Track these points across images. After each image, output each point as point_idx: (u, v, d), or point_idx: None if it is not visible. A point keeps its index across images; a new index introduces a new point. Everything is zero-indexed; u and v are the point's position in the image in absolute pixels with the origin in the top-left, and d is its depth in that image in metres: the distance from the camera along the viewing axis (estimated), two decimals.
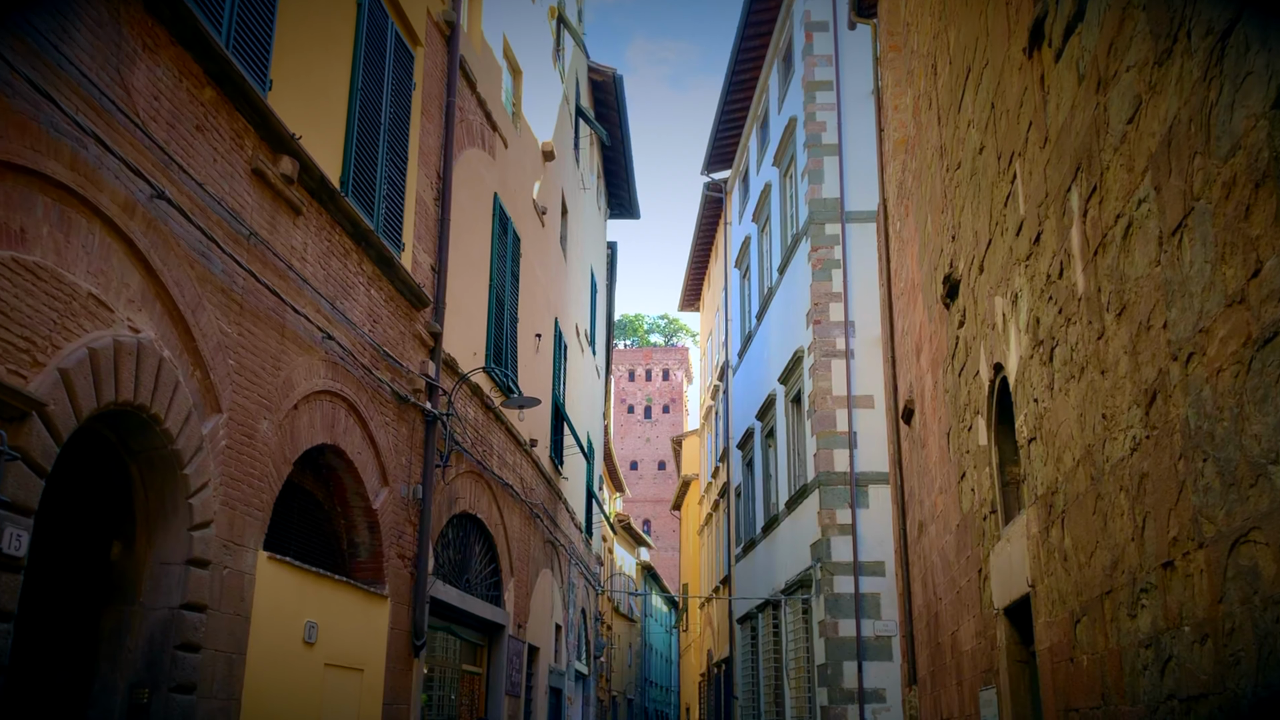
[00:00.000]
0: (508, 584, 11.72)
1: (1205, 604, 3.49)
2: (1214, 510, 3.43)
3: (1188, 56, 3.63)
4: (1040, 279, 5.79)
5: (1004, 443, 7.35)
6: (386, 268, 7.93)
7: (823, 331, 17.67)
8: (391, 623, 8.02)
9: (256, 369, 6.04)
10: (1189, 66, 3.61)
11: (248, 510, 5.91)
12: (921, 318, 10.58)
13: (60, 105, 4.36)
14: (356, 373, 7.42)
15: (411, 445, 8.55)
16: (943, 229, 9.13)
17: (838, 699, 15.18)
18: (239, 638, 5.79)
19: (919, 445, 11.02)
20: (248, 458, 5.93)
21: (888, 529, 15.62)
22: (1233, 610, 3.28)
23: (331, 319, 7.04)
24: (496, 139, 11.46)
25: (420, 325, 8.75)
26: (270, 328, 6.20)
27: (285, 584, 6.36)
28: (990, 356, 7.26)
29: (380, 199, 7.93)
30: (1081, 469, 5.03)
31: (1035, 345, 5.92)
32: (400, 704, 8.19)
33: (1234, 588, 3.27)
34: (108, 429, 5.07)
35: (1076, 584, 5.14)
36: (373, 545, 7.84)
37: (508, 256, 11.73)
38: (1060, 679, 5.46)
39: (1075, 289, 5.06)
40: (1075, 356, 5.13)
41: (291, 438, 6.49)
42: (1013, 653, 6.89)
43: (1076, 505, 5.09)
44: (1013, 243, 6.47)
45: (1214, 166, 3.43)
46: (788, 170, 20.29)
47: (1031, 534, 6.05)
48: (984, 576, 7.63)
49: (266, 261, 6.18)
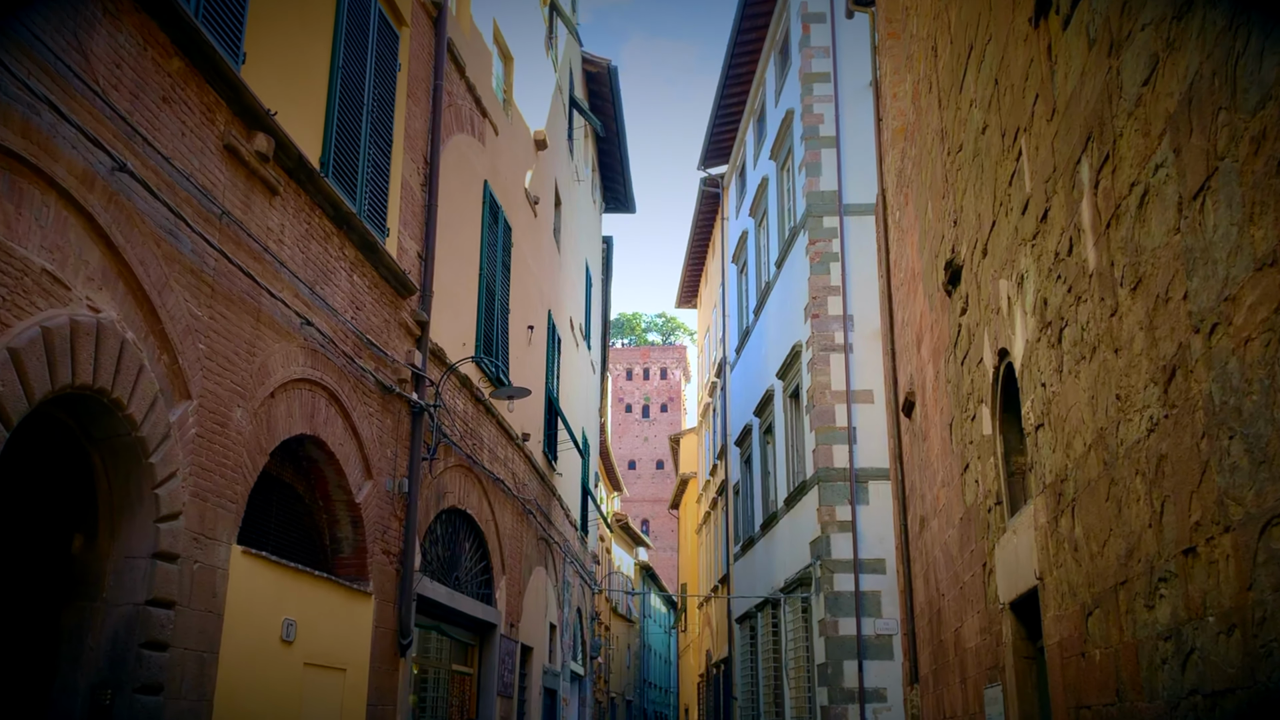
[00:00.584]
0: (499, 582, 11.46)
1: (1232, 592, 3.24)
2: (1242, 491, 3.18)
3: (1211, 5, 3.38)
4: (1048, 257, 5.55)
5: (1009, 431, 7.13)
6: (370, 253, 7.68)
7: (821, 325, 17.45)
8: (376, 621, 7.77)
9: (229, 354, 5.78)
10: (1212, 16, 3.37)
11: (220, 502, 5.65)
12: (922, 307, 10.37)
13: (10, 68, 4.11)
14: (338, 361, 7.16)
15: (397, 437, 8.29)
16: (944, 215, 8.92)
17: (838, 699, 14.95)
18: (211, 636, 5.53)
19: (920, 438, 10.81)
20: (220, 447, 5.67)
21: (888, 526, 15.40)
22: (1264, 598, 3.03)
23: (311, 305, 6.78)
24: (486, 125, 11.19)
25: (406, 313, 8.49)
26: (244, 312, 5.95)
27: (261, 580, 6.10)
28: (994, 342, 7.03)
29: (363, 182, 7.67)
30: (1093, 454, 4.78)
31: (1042, 327, 5.68)
32: (386, 705, 7.93)
33: (1265, 573, 3.02)
34: (67, 415, 4.81)
35: (1088, 575, 4.90)
36: (356, 541, 7.58)
37: (498, 246, 11.47)
38: (1071, 675, 5.21)
39: (1086, 265, 4.82)
40: (1086, 336, 4.89)
41: (268, 427, 6.24)
42: (1019, 649, 6.64)
43: (1088, 492, 4.84)
44: (1018, 222, 6.25)
45: (1240, 121, 3.19)
46: (785, 163, 20.07)
47: (1039, 524, 5.81)
48: (989, 570, 7.39)
49: (240, 242, 5.92)
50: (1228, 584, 3.28)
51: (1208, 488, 3.43)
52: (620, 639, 43.66)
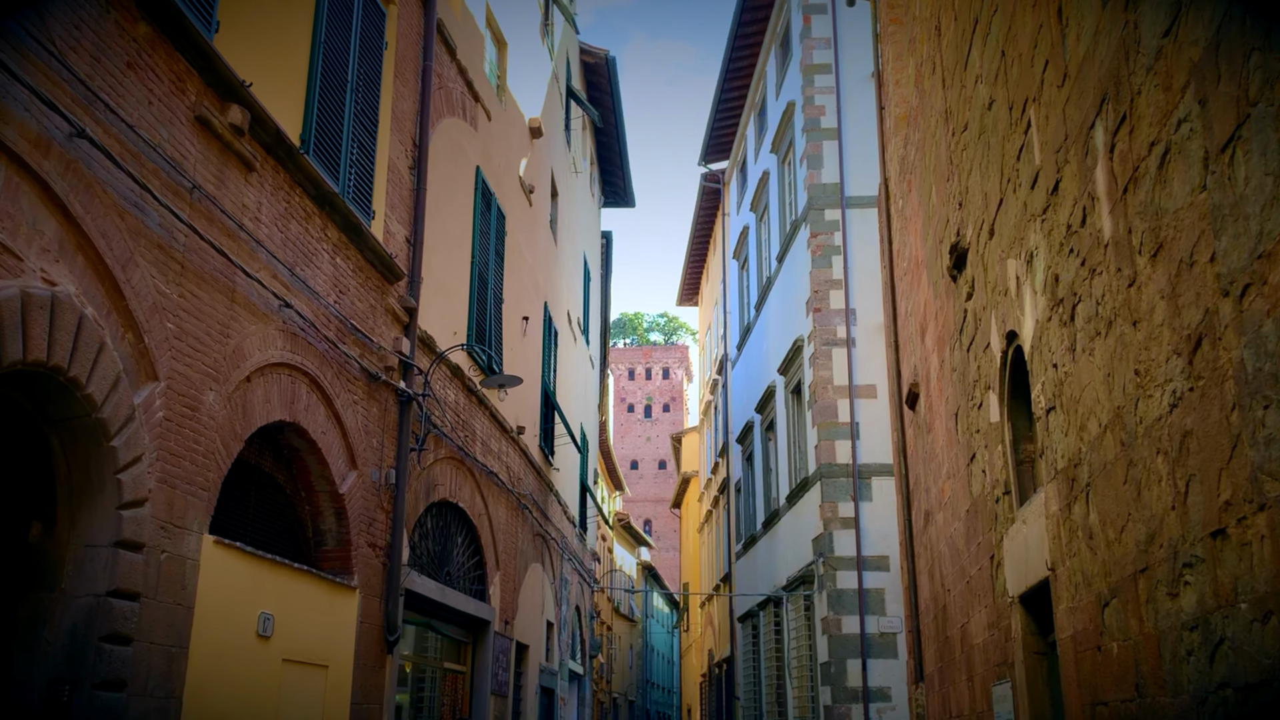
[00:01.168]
0: (493, 578, 11.18)
1: (1268, 575, 2.97)
2: (1278, 466, 2.91)
3: None
4: (1059, 231, 5.29)
5: (1018, 418, 6.87)
6: (354, 235, 7.41)
7: (823, 319, 17.21)
8: (361, 616, 7.50)
9: (201, 335, 5.51)
10: None
11: (190, 489, 5.38)
12: (926, 296, 10.13)
13: None
14: (320, 346, 6.89)
15: (384, 427, 8.02)
16: (948, 198, 8.69)
17: (841, 698, 14.68)
18: (180, 629, 5.26)
19: (924, 430, 10.57)
20: (191, 432, 5.40)
21: (892, 522, 15.15)
22: None
23: (290, 286, 6.51)
24: (479, 110, 10.92)
25: (393, 299, 8.22)
26: (218, 291, 5.68)
27: (236, 572, 5.83)
28: (1002, 325, 6.77)
29: (347, 162, 7.40)
30: (1109, 435, 4.51)
31: (1054, 306, 5.41)
32: (371, 704, 7.66)
33: None
34: (21, 395, 4.54)
35: (1104, 564, 4.62)
36: (340, 533, 7.31)
37: (491, 233, 11.19)
38: (1086, 670, 4.94)
39: (1101, 235, 4.56)
40: (1101, 310, 4.63)
41: (244, 412, 5.97)
42: (1029, 644, 6.37)
43: (1104, 476, 4.57)
44: (1027, 198, 5.99)
45: (1277, 60, 2.92)
46: (786, 156, 19.83)
47: (1051, 512, 5.54)
48: (997, 563, 7.12)
49: (213, 218, 5.65)
50: (1262, 567, 3.01)
51: (1239, 464, 3.16)
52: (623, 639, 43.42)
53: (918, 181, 10.54)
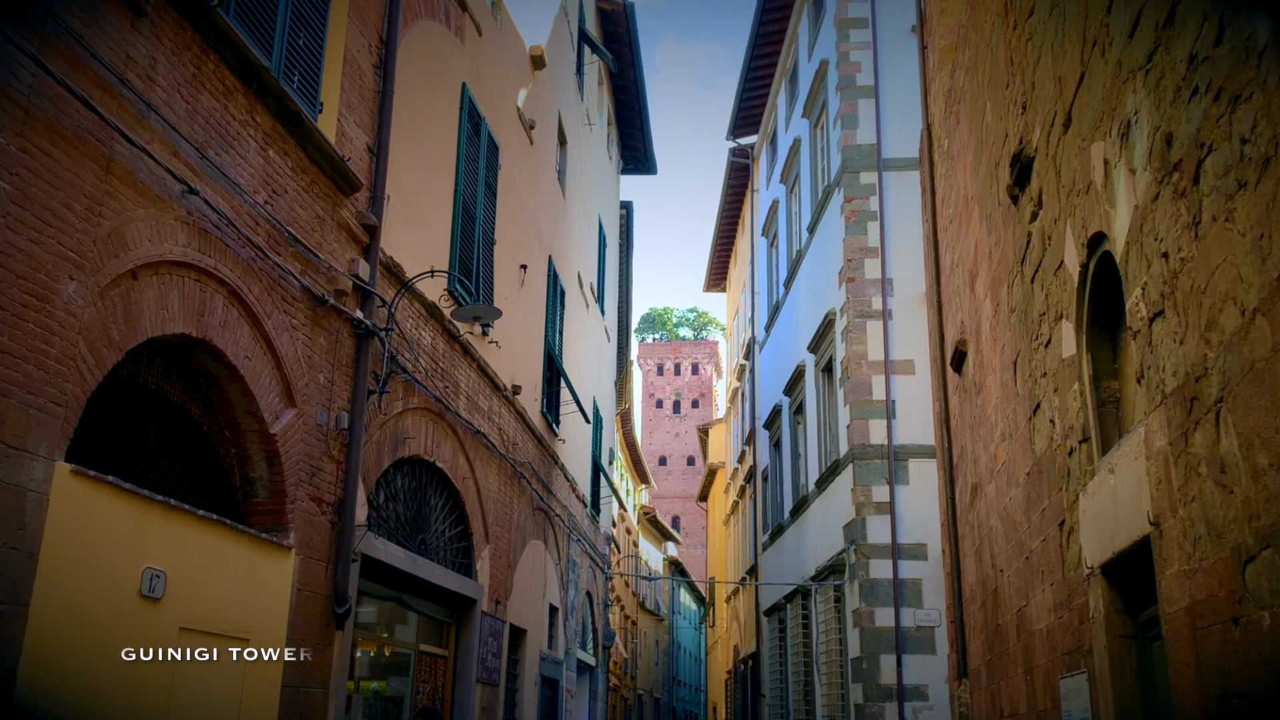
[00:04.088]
0: (481, 551, 9.92)
1: None
2: None
3: None
4: (1176, 73, 3.99)
5: (1099, 350, 5.55)
6: (293, 127, 6.17)
7: (857, 290, 15.88)
8: (300, 583, 6.27)
9: (57, 207, 4.30)
10: None
11: (35, 402, 4.17)
12: (978, 235, 8.86)
13: None
14: (242, 252, 5.66)
15: (334, 362, 6.79)
16: (1009, 106, 7.46)
17: (874, 695, 13.36)
18: (15, 582, 4.05)
19: (973, 393, 9.27)
20: (37, 327, 4.19)
21: (930, 508, 13.83)
22: None
23: (200, 171, 5.29)
24: (466, 21, 9.66)
25: (349, 213, 6.98)
26: (84, 155, 4.47)
27: (109, 514, 4.62)
28: (1082, 232, 5.47)
29: (283, 35, 6.18)
30: (1259, 322, 3.20)
31: (1164, 176, 4.11)
32: (314, 687, 6.43)
33: None
34: None
35: (1247, 504, 3.31)
36: (272, 482, 6.08)
37: (480, 162, 9.92)
38: (1211, 651, 3.61)
39: (1254, 42, 3.24)
40: (1249, 151, 3.31)
41: (125, 316, 4.75)
42: (1114, 624, 5.04)
43: (1250, 381, 3.25)
44: (1122, 54, 4.70)
45: None
46: (819, 120, 18.52)
47: (1155, 449, 4.21)
48: (1068, 530, 5.80)
49: (79, 62, 4.44)
50: None
51: None
52: (649, 635, 42.14)
53: (967, 108, 9.30)
